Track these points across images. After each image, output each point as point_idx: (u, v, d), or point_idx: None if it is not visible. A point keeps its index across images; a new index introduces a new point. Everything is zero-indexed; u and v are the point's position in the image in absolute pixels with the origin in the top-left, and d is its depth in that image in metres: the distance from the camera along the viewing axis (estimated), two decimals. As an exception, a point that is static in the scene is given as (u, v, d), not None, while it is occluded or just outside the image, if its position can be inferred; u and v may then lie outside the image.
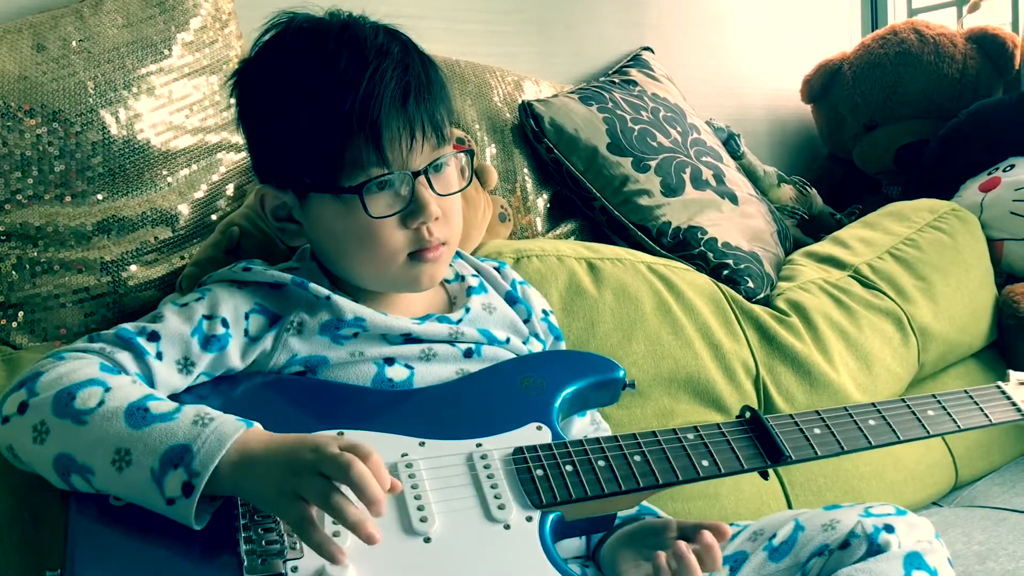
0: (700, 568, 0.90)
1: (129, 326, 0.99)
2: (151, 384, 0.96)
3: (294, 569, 0.82)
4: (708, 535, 0.93)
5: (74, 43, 1.31)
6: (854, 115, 2.40)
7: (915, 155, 2.30)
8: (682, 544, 0.91)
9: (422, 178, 1.02)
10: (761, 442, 1.02)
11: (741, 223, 1.79)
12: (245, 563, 0.82)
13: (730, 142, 2.12)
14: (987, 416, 1.14)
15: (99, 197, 1.30)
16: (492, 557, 0.88)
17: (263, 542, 0.84)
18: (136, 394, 0.89)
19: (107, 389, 0.89)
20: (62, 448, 0.86)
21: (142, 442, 0.85)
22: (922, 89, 2.32)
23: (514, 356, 1.13)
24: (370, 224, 1.02)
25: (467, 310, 1.13)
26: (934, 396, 1.14)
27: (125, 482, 0.85)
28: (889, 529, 0.97)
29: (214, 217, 1.40)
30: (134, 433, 0.85)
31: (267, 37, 1.07)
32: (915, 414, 1.10)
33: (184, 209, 1.37)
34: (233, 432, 0.85)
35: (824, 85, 2.46)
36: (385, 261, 1.05)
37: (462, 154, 1.10)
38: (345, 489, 0.81)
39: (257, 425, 0.88)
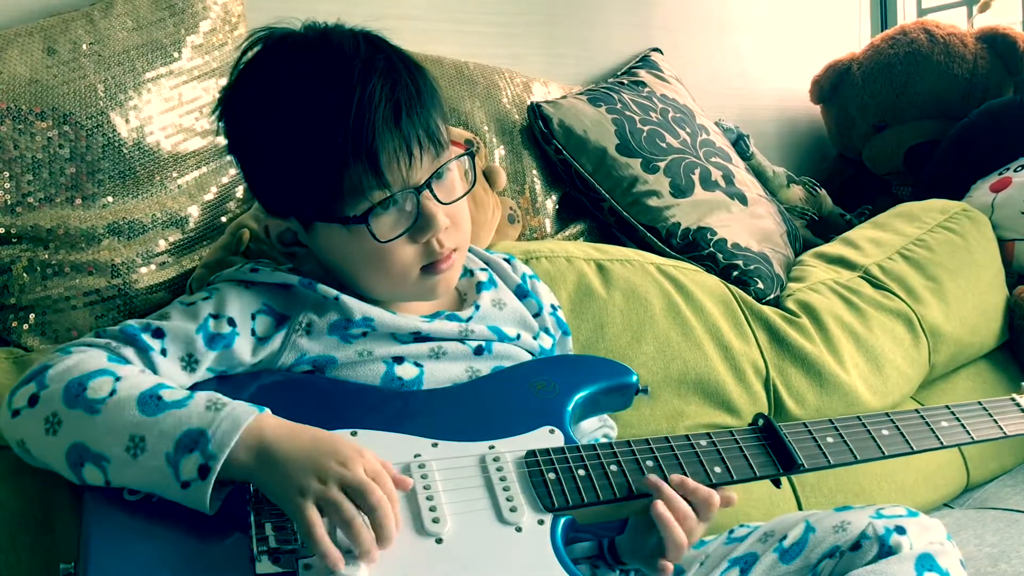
0: (695, 515, 0.94)
1: (134, 322, 0.99)
2: None
3: (306, 567, 0.83)
4: (705, 489, 0.96)
5: (84, 46, 1.32)
6: (863, 115, 2.39)
7: (925, 155, 2.29)
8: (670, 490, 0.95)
9: (426, 192, 1.00)
10: (774, 450, 1.02)
11: (751, 224, 1.79)
12: (257, 560, 0.83)
13: (739, 143, 2.11)
14: (1001, 428, 1.14)
15: (109, 199, 1.31)
16: (503, 559, 0.88)
17: (275, 539, 0.84)
18: (147, 383, 0.90)
19: (117, 379, 0.89)
20: (75, 438, 0.87)
21: (156, 428, 0.85)
22: (932, 89, 2.31)
23: (525, 352, 1.13)
24: (379, 247, 1.00)
25: (477, 307, 1.12)
26: (948, 407, 1.13)
27: (140, 468, 0.85)
28: (900, 531, 0.97)
29: (224, 219, 1.40)
30: (148, 420, 0.86)
31: (246, 59, 1.03)
32: (928, 425, 1.10)
33: (194, 211, 1.37)
34: (246, 416, 0.86)
35: (833, 85, 2.45)
36: (399, 277, 1.04)
37: (464, 157, 1.07)
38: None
39: (267, 411, 0.89)
